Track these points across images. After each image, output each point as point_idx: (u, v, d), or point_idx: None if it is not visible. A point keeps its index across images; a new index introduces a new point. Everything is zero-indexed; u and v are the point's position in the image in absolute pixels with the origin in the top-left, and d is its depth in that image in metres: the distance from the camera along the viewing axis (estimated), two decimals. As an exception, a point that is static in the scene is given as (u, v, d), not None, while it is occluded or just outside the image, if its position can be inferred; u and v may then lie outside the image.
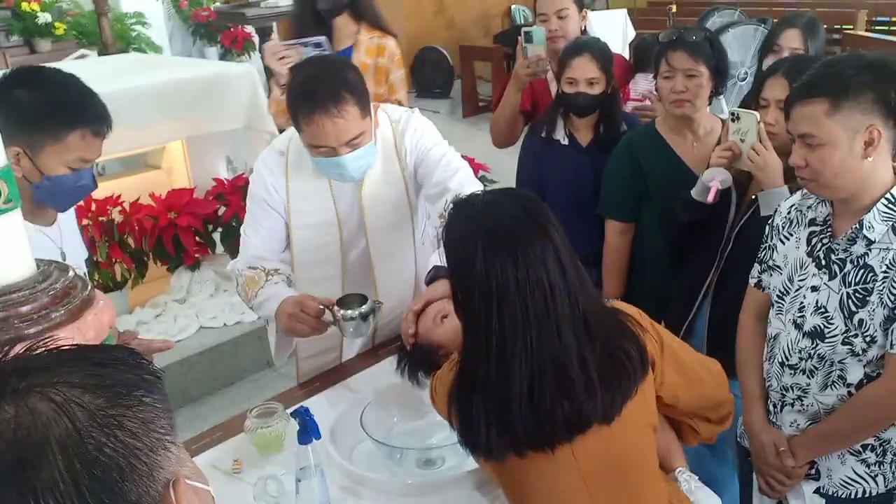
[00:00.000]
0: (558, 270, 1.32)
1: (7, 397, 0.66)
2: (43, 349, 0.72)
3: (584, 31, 2.96)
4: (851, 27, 8.11)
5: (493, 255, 1.30)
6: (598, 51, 2.63)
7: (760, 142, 2.08)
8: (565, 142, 2.73)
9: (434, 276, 1.93)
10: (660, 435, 1.50)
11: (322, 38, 2.74)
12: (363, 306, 1.99)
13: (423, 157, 2.21)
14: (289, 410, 1.91)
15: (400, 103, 2.84)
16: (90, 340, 1.31)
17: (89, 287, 1.39)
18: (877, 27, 9.26)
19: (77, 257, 1.98)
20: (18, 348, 0.72)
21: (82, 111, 1.83)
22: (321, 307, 2.00)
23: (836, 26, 7.68)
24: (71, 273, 1.38)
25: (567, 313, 1.33)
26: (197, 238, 3.93)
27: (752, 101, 2.27)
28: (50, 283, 1.31)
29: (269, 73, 2.98)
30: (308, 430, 1.58)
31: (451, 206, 1.42)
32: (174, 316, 3.92)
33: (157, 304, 4.00)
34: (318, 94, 1.94)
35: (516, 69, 2.81)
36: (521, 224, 1.33)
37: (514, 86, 2.85)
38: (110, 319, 1.41)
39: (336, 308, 1.99)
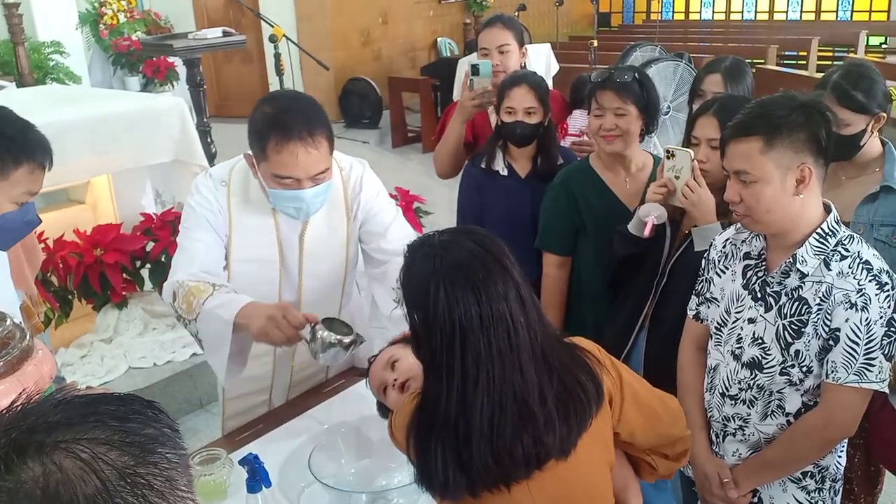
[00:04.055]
0: (519, 304, 1.33)
1: (31, 454, 0.63)
2: (52, 401, 0.69)
3: (523, 67, 3.02)
4: (763, 61, 8.49)
5: (455, 293, 1.30)
6: (534, 82, 2.69)
7: (694, 179, 2.14)
8: (504, 172, 2.77)
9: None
10: (616, 471, 1.52)
11: None
12: (347, 335, 1.91)
13: (373, 216, 2.21)
14: (233, 456, 1.86)
15: None
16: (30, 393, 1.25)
17: (28, 336, 1.33)
18: (786, 61, 9.74)
19: (9, 304, 1.90)
20: (22, 399, 0.69)
21: (27, 145, 1.77)
22: (304, 321, 1.91)
23: (748, 61, 8.06)
24: (8, 322, 1.32)
25: (528, 346, 1.34)
26: (124, 275, 3.81)
27: (684, 139, 2.34)
28: (-14, 335, 1.25)
29: None
30: (258, 478, 1.54)
31: (407, 249, 1.42)
32: (101, 356, 3.78)
33: (82, 345, 3.85)
34: (294, 123, 1.91)
35: (462, 101, 2.85)
36: (481, 260, 1.34)
37: (460, 117, 2.88)
38: (50, 370, 1.35)
39: (319, 327, 1.90)
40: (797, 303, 1.76)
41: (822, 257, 1.74)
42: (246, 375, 2.18)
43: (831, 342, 1.72)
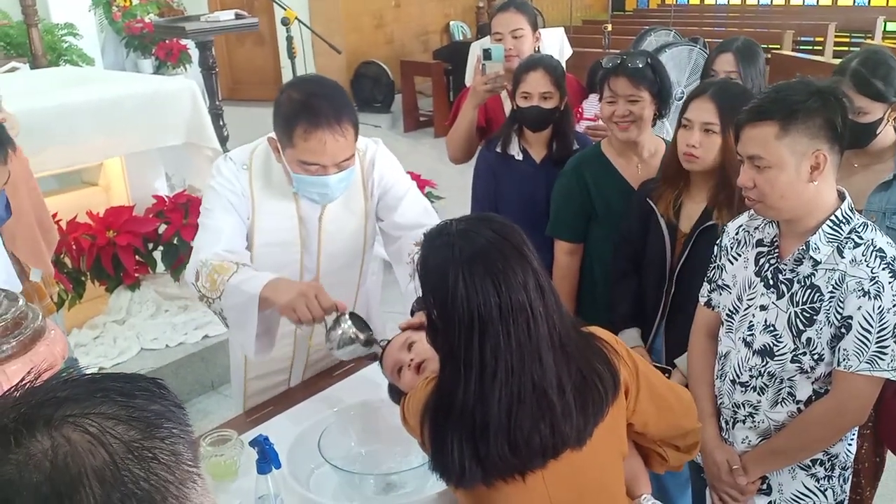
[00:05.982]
0: (538, 293, 1.31)
1: (40, 427, 0.65)
2: (59, 378, 0.70)
3: (536, 52, 3.00)
4: (778, 47, 8.40)
5: (474, 283, 1.28)
6: (550, 66, 2.66)
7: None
8: (520, 157, 2.75)
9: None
10: (627, 460, 1.51)
11: None
12: (366, 334, 1.93)
13: (388, 190, 2.21)
14: (243, 437, 1.88)
15: None
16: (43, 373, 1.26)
17: (40, 317, 1.34)
18: (802, 47, 9.64)
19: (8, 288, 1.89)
20: (28, 380, 0.70)
21: None
22: (334, 306, 1.92)
23: (763, 46, 7.98)
24: (21, 302, 1.33)
25: (547, 336, 1.32)
26: (137, 257, 3.83)
27: (678, 121, 2.30)
28: (-1, 314, 1.26)
29: None
30: (268, 460, 1.55)
31: (423, 238, 1.39)
32: (113, 338, 3.80)
33: (95, 326, 3.88)
34: (322, 110, 1.91)
35: (474, 85, 2.83)
36: (500, 249, 1.31)
37: (472, 101, 2.87)
38: (62, 350, 1.36)
39: (344, 319, 1.91)
40: (810, 290, 1.75)
41: (836, 245, 1.73)
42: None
43: (843, 330, 1.71)
